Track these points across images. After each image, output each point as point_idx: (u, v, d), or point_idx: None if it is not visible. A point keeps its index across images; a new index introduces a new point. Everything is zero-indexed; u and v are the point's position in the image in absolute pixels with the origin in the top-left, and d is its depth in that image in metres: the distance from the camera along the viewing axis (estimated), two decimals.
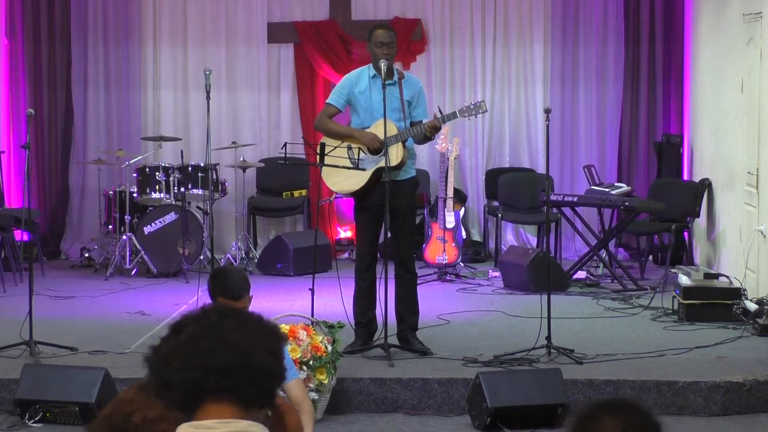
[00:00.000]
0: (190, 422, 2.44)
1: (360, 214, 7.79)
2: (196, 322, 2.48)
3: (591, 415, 2.41)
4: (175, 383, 2.43)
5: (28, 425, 6.74)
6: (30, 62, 12.04)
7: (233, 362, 2.42)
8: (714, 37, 10.63)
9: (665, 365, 7.36)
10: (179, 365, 2.43)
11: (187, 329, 2.47)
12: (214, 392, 2.43)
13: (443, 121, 7.60)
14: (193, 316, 2.51)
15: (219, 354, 2.42)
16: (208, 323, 2.47)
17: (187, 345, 2.44)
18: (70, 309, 9.39)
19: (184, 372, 2.42)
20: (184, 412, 2.47)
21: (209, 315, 2.49)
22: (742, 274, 9.10)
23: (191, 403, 2.45)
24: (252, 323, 2.50)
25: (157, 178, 10.76)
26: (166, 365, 2.44)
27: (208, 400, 2.44)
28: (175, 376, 2.43)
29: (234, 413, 2.44)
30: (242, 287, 4.74)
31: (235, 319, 2.49)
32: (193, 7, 12.12)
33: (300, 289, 9.00)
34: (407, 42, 11.75)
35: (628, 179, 11.77)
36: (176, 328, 2.49)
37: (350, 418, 6.91)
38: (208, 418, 2.43)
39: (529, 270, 9.84)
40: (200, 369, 2.42)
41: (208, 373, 2.42)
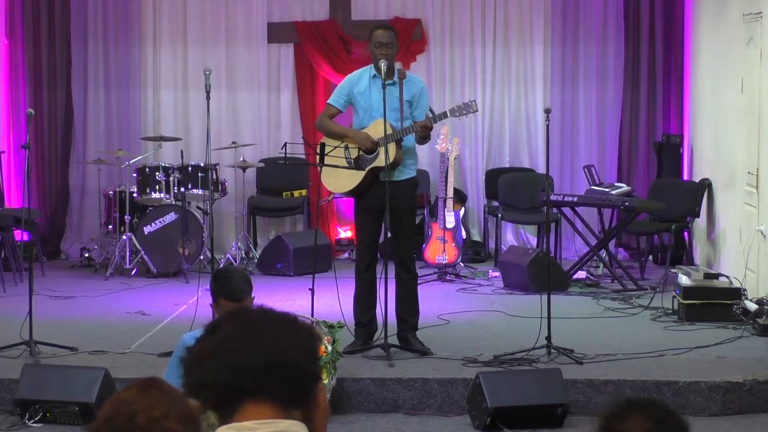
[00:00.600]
0: (230, 424, 2.43)
1: (359, 215, 7.80)
2: (231, 323, 2.47)
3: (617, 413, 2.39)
4: (210, 383, 2.42)
5: (28, 425, 6.74)
6: (30, 62, 12.04)
7: (271, 362, 2.42)
8: (714, 37, 10.64)
9: (665, 365, 7.36)
10: (215, 365, 2.42)
11: (222, 330, 2.46)
12: (252, 393, 2.42)
13: (434, 121, 7.59)
14: (228, 317, 2.50)
15: (257, 354, 2.41)
16: (244, 324, 2.46)
17: (223, 345, 2.43)
18: (70, 309, 9.39)
19: (219, 372, 2.41)
20: (220, 413, 2.45)
21: (245, 316, 2.48)
22: (742, 274, 9.10)
23: (229, 404, 2.43)
24: (287, 323, 2.49)
25: (157, 178, 10.76)
26: (201, 366, 2.43)
27: (247, 401, 2.42)
28: (210, 376, 2.42)
29: (274, 413, 2.43)
30: (244, 289, 4.74)
31: (271, 319, 2.48)
32: (193, 7, 12.12)
33: (300, 289, 9.00)
34: (407, 42, 11.75)
35: (628, 179, 11.76)
36: (211, 329, 2.48)
37: (350, 418, 6.91)
38: (247, 419, 2.41)
39: (529, 270, 9.84)
40: (237, 369, 2.41)
41: (245, 374, 2.41)
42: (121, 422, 2.39)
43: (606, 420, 2.41)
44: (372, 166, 7.56)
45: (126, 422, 2.39)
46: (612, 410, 2.42)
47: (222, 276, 4.87)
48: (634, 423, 2.37)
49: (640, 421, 2.37)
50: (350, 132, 7.71)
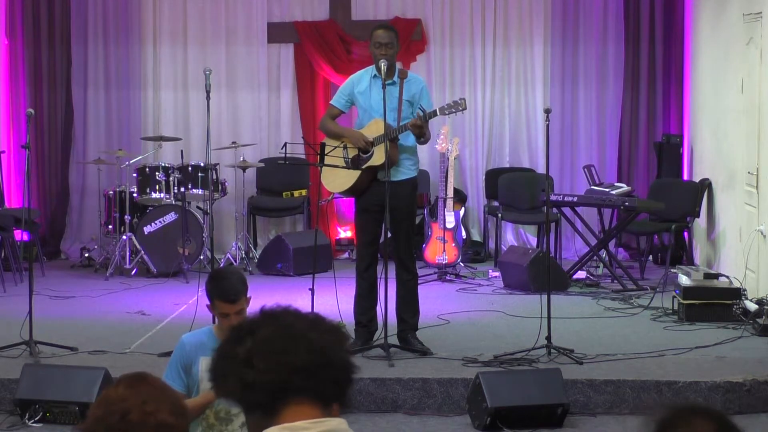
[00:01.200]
0: (281, 425, 2.41)
1: (359, 215, 7.81)
2: (269, 324, 2.46)
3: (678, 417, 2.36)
4: (260, 384, 2.40)
5: (28, 425, 6.74)
6: (30, 62, 12.04)
7: (318, 361, 2.42)
8: (714, 37, 10.64)
9: (665, 365, 7.36)
10: (264, 366, 2.40)
11: (261, 330, 2.45)
12: (297, 392, 2.42)
13: (424, 119, 7.59)
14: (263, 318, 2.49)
15: (303, 353, 2.41)
16: (283, 324, 2.46)
17: (269, 345, 2.42)
18: (70, 309, 9.39)
19: (269, 372, 2.40)
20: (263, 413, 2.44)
21: (282, 317, 2.48)
22: (742, 274, 9.10)
23: (274, 404, 2.43)
24: (323, 323, 2.50)
25: (157, 178, 10.76)
26: (248, 366, 2.41)
27: (291, 401, 2.42)
28: (261, 377, 2.40)
29: (318, 413, 2.45)
30: (239, 290, 4.73)
31: (307, 319, 2.48)
32: (193, 7, 12.12)
33: (300, 289, 9.00)
34: (407, 42, 11.75)
35: (628, 179, 11.76)
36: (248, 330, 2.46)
37: (350, 418, 6.84)
38: (293, 419, 2.41)
39: (529, 270, 9.84)
40: (286, 369, 2.40)
41: (294, 373, 2.40)
42: (114, 420, 2.38)
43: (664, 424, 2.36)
44: (368, 165, 7.57)
45: (119, 419, 2.38)
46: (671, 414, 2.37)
47: (217, 277, 4.87)
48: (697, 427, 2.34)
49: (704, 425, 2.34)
50: (346, 132, 7.77)
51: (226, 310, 4.66)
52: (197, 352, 4.69)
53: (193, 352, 4.71)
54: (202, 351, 4.67)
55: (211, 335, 4.74)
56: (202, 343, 4.72)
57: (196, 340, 4.77)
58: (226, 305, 4.67)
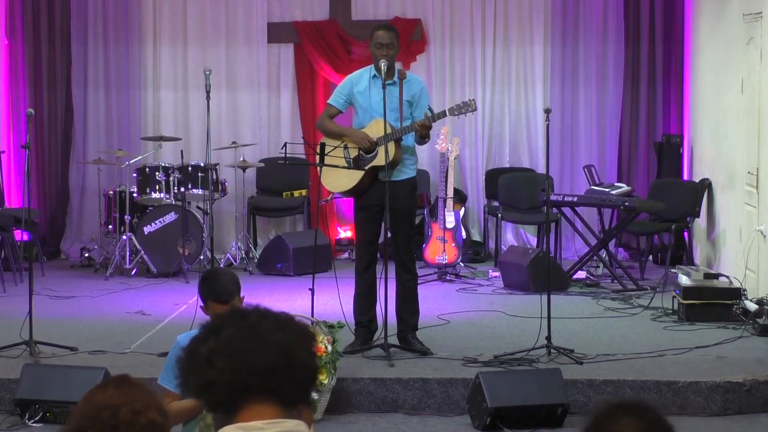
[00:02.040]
0: (237, 424, 2.43)
1: (358, 215, 7.80)
2: (234, 323, 2.48)
3: (608, 414, 2.39)
4: (220, 383, 2.43)
5: (28, 425, 6.74)
6: (30, 62, 12.04)
7: (278, 362, 2.43)
8: (714, 37, 10.63)
9: (665, 365, 7.36)
10: (223, 365, 2.42)
11: (225, 329, 2.47)
12: (257, 392, 2.43)
13: (433, 120, 7.59)
14: (230, 317, 2.51)
15: (263, 354, 2.43)
16: (248, 324, 2.47)
17: (231, 345, 2.44)
18: (70, 309, 9.39)
19: (228, 372, 2.42)
20: (224, 413, 2.46)
21: (248, 316, 2.50)
22: (742, 274, 9.10)
23: (234, 403, 2.45)
24: (289, 324, 2.51)
25: (157, 178, 10.76)
26: (209, 366, 2.43)
27: (251, 401, 2.44)
28: (220, 376, 2.42)
29: (277, 413, 2.45)
30: (231, 290, 4.73)
31: (272, 319, 2.50)
32: (193, 7, 12.12)
33: (300, 289, 9.00)
34: (407, 42, 11.75)
35: (628, 179, 11.76)
36: (213, 329, 2.49)
37: (350, 418, 6.91)
38: (251, 419, 2.43)
39: (529, 270, 9.84)
40: (245, 369, 2.42)
41: (253, 373, 2.42)
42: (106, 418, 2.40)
43: (596, 420, 2.40)
44: (371, 165, 7.57)
45: (111, 417, 2.40)
46: (603, 411, 2.41)
47: (209, 278, 4.88)
48: (623, 425, 2.36)
49: (629, 423, 2.36)
50: (348, 131, 7.73)
51: (219, 311, 4.65)
52: None
53: None
54: None
55: None
56: None
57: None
58: (219, 305, 4.67)
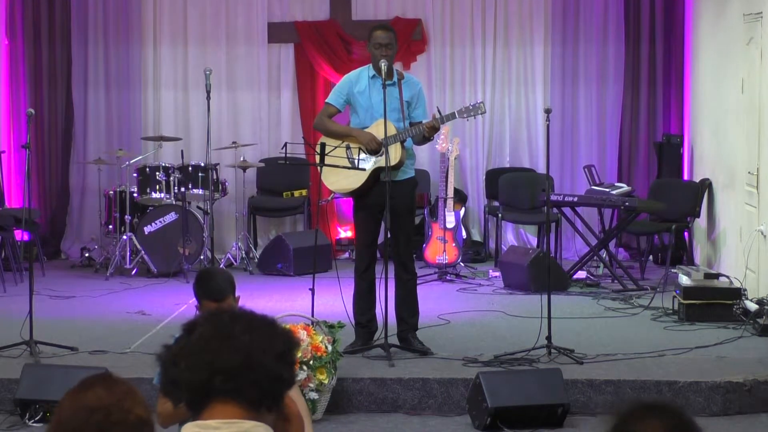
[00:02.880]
0: (195, 422, 2.48)
1: (358, 214, 7.80)
2: (207, 323, 2.53)
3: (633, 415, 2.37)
4: (183, 382, 2.48)
5: (28, 425, 6.74)
6: (30, 62, 12.04)
7: (238, 363, 2.46)
8: (714, 37, 10.64)
9: (665, 365, 7.36)
10: (186, 365, 2.48)
11: (198, 330, 2.51)
12: (220, 393, 2.47)
13: (442, 122, 7.61)
14: (206, 317, 2.56)
15: (224, 355, 2.46)
16: (219, 325, 2.51)
17: (197, 345, 2.49)
18: (70, 309, 9.38)
19: (191, 371, 2.47)
20: (191, 411, 2.51)
21: (221, 316, 2.54)
22: (742, 274, 9.10)
23: (199, 402, 2.49)
24: (263, 327, 2.53)
25: (157, 178, 10.76)
26: (174, 364, 2.50)
27: (215, 401, 2.47)
28: (183, 375, 2.48)
29: (240, 414, 2.47)
30: (224, 289, 4.73)
31: (246, 321, 2.52)
32: (193, 7, 12.12)
33: (300, 289, 9.00)
34: (407, 42, 11.75)
35: (628, 179, 11.76)
36: (188, 329, 2.54)
37: (350, 418, 6.91)
38: (214, 418, 2.46)
39: (529, 270, 9.84)
40: (206, 369, 2.46)
41: (213, 374, 2.46)
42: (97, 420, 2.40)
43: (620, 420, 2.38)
44: (376, 166, 7.56)
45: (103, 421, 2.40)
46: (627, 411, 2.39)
47: (203, 277, 4.88)
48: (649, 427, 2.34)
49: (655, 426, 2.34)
50: (354, 131, 7.67)
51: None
52: None
53: None
54: None
55: None
56: None
57: None
58: (213, 304, 4.67)
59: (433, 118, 7.56)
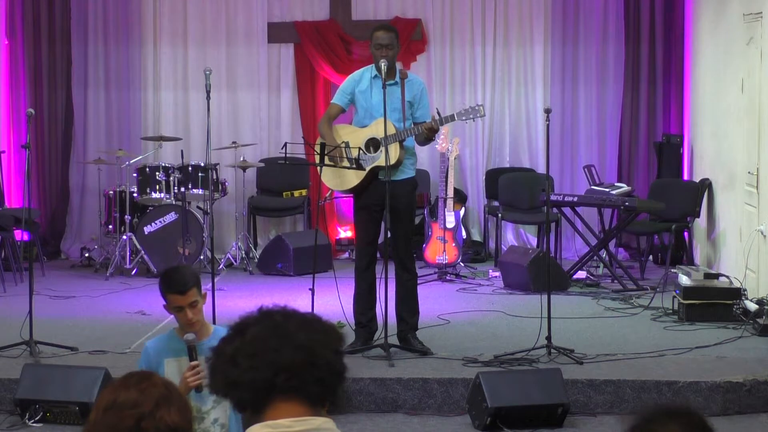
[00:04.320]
0: (264, 422, 2.46)
1: (358, 214, 7.81)
2: (259, 323, 2.50)
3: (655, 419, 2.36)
4: (244, 382, 2.45)
5: (28, 425, 6.74)
6: (30, 62, 12.04)
7: (301, 361, 2.45)
8: (714, 37, 10.64)
9: (665, 365, 7.36)
10: (248, 364, 2.45)
11: (251, 330, 2.49)
12: (283, 391, 2.45)
13: (441, 124, 7.62)
14: (255, 317, 2.53)
15: (287, 353, 2.45)
16: (272, 324, 2.49)
17: (255, 344, 2.46)
18: (70, 309, 9.39)
19: (253, 371, 2.44)
20: (252, 411, 2.49)
21: (273, 316, 2.52)
22: (742, 274, 9.10)
23: (260, 402, 2.47)
24: (314, 323, 2.53)
25: (157, 178, 10.76)
26: (234, 365, 2.46)
27: (277, 399, 2.46)
28: (244, 375, 2.45)
29: (304, 411, 2.47)
30: (188, 281, 4.70)
31: (298, 319, 2.52)
32: (193, 7, 12.12)
33: (300, 289, 9.00)
34: (407, 42, 11.75)
35: (628, 179, 11.76)
36: (239, 329, 2.51)
37: (350, 418, 6.91)
38: (278, 417, 2.45)
39: (529, 270, 9.84)
40: (269, 368, 2.44)
41: (277, 372, 2.44)
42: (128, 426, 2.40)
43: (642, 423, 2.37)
44: (374, 164, 7.57)
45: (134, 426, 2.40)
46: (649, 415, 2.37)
47: (167, 272, 4.87)
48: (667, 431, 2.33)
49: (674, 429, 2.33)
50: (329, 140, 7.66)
51: (178, 303, 4.61)
52: (161, 355, 4.68)
53: (156, 356, 4.69)
54: (165, 353, 4.68)
55: (173, 336, 4.72)
56: (164, 345, 4.72)
57: (159, 344, 4.76)
58: (177, 297, 4.63)
59: (432, 120, 7.57)
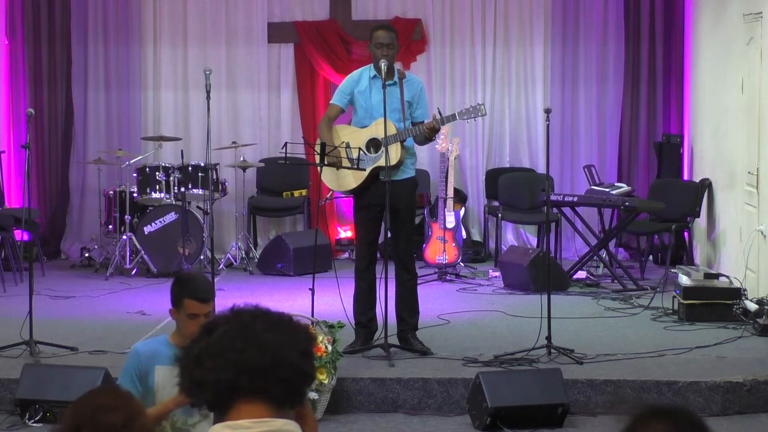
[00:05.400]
0: (225, 422, 2.45)
1: (358, 214, 7.81)
2: (227, 323, 2.49)
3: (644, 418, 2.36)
4: (208, 382, 2.44)
5: (28, 425, 6.74)
6: (30, 62, 12.03)
7: (265, 362, 2.44)
8: (714, 37, 10.63)
9: (665, 365, 7.36)
10: (212, 365, 2.44)
11: (218, 329, 2.48)
12: (247, 392, 2.44)
13: (442, 123, 7.62)
14: (225, 316, 2.52)
15: (251, 354, 2.44)
16: (240, 324, 2.48)
17: (220, 344, 2.46)
18: (70, 309, 9.39)
19: (216, 371, 2.44)
20: (216, 411, 2.49)
21: (241, 315, 2.51)
22: (742, 274, 9.10)
23: (224, 402, 2.46)
24: (283, 323, 2.51)
25: (157, 178, 10.76)
26: (198, 365, 2.46)
27: (241, 400, 2.45)
28: (208, 375, 2.44)
29: (268, 412, 2.46)
30: (211, 290, 4.67)
31: (267, 319, 2.50)
32: (193, 7, 12.12)
33: (300, 289, 9.00)
34: (407, 42, 11.75)
35: (628, 179, 11.76)
36: (208, 328, 2.50)
37: (350, 418, 6.91)
38: (241, 418, 2.44)
39: (529, 270, 9.84)
40: (233, 368, 2.43)
41: (240, 373, 2.43)
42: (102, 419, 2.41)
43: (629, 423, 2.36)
44: (375, 165, 7.57)
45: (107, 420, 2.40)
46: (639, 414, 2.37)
47: (186, 278, 4.79)
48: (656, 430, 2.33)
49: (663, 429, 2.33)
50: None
51: (197, 311, 4.52)
52: (152, 361, 4.57)
53: (148, 361, 4.59)
54: (157, 360, 4.56)
55: (167, 343, 4.63)
56: (157, 351, 4.61)
57: (151, 349, 4.65)
58: (199, 305, 4.54)
59: (433, 119, 7.57)
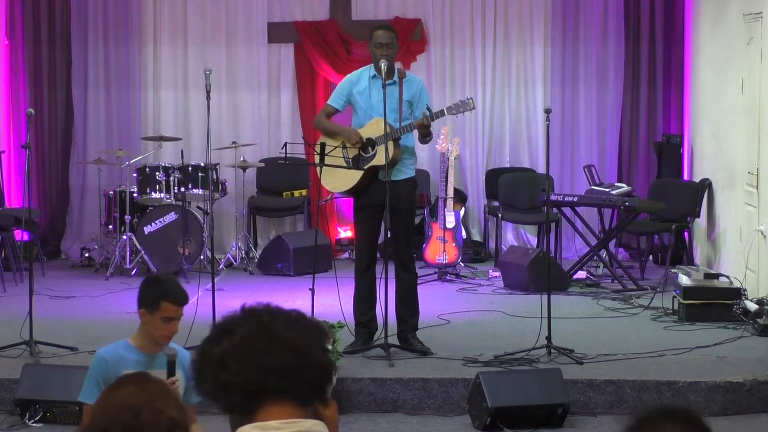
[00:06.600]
0: (254, 423, 2.42)
1: (358, 214, 7.80)
2: (247, 323, 2.46)
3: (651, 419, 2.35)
4: (235, 385, 2.41)
5: (28, 425, 6.74)
6: (30, 62, 12.04)
7: (292, 362, 2.42)
8: (714, 37, 10.63)
9: (665, 365, 7.36)
10: (237, 367, 2.41)
11: (239, 330, 2.45)
12: (273, 393, 2.42)
13: (431, 119, 7.59)
14: (242, 317, 2.49)
15: (277, 354, 2.41)
16: (260, 324, 2.45)
17: (244, 346, 2.42)
18: (70, 309, 9.39)
19: (243, 374, 2.41)
20: (241, 413, 2.45)
21: (259, 315, 2.48)
22: (742, 274, 9.10)
23: (251, 404, 2.43)
24: (302, 322, 2.49)
25: (157, 178, 10.76)
26: (222, 367, 2.42)
27: (268, 401, 2.43)
28: (234, 378, 2.41)
29: (295, 412, 2.44)
30: (187, 293, 4.68)
31: (285, 318, 2.48)
32: (193, 7, 12.13)
33: (300, 289, 9.00)
34: (407, 42, 11.75)
35: (628, 179, 11.76)
36: (226, 330, 2.46)
37: (350, 418, 6.91)
38: (269, 419, 2.42)
39: (529, 270, 9.84)
40: (260, 370, 2.41)
41: (267, 374, 2.41)
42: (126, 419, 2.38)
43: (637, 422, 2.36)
44: (370, 164, 7.57)
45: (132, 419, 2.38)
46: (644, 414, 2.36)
47: (161, 280, 4.78)
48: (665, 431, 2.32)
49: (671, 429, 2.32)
50: (340, 129, 7.74)
51: (173, 314, 4.51)
52: (118, 366, 4.54)
53: (115, 365, 4.56)
54: (122, 365, 4.54)
55: (128, 347, 4.61)
56: (121, 356, 4.59)
57: (116, 354, 4.63)
58: (176, 308, 4.54)
59: (423, 116, 7.56)
